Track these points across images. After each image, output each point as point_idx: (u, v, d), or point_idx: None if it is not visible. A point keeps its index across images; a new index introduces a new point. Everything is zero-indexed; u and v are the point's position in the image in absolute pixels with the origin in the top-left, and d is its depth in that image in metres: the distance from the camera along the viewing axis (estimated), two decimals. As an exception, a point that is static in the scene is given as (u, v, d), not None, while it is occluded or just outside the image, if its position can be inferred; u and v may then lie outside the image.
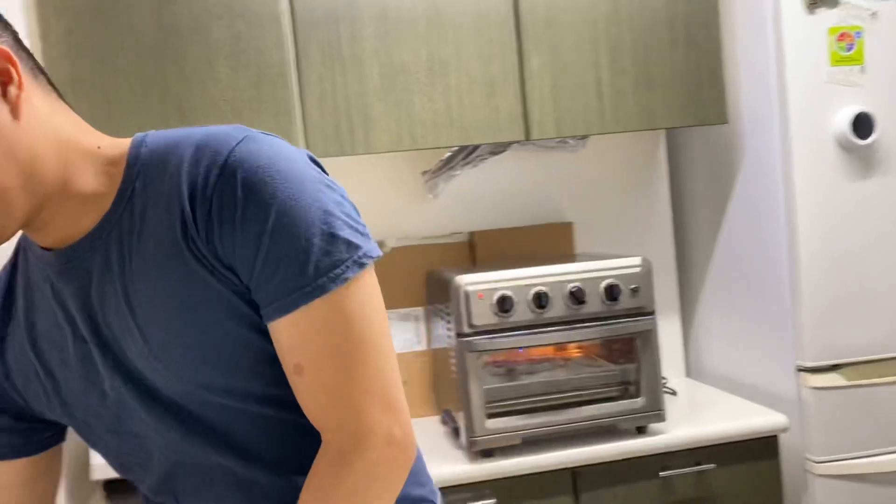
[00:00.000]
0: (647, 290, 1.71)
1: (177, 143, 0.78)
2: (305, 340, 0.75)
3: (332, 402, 0.75)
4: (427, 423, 1.98)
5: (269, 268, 0.74)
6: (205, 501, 0.84)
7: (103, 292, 0.79)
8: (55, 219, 0.78)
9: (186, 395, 0.79)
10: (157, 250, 0.76)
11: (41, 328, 0.84)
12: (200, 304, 0.76)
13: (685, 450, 1.71)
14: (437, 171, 2.01)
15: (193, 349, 0.77)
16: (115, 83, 1.62)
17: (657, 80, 1.85)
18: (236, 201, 0.73)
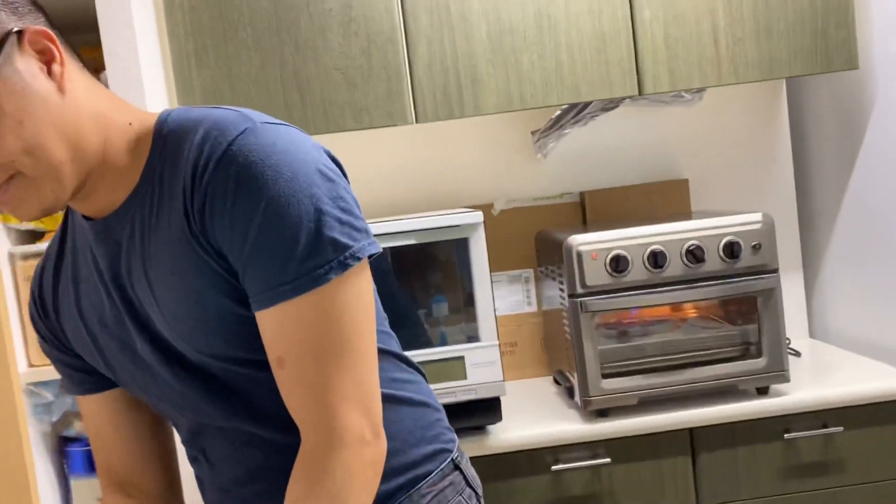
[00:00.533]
0: (769, 247, 1.64)
1: (191, 125, 0.81)
2: (286, 335, 0.77)
3: (310, 399, 0.78)
4: (539, 383, 2.00)
5: (255, 260, 0.76)
6: (227, 460, 0.91)
7: (130, 264, 0.84)
8: (95, 190, 0.83)
9: (204, 363, 0.84)
10: (170, 230, 0.80)
11: (83, 291, 0.91)
12: (203, 284, 0.80)
13: (811, 412, 1.65)
14: (546, 130, 1.99)
15: (202, 323, 0.81)
16: (236, 56, 1.68)
17: (778, 25, 1.75)
18: (227, 193, 0.75)
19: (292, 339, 0.77)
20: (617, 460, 1.63)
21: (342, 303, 0.77)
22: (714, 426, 1.64)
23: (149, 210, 0.82)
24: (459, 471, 0.97)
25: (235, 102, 1.69)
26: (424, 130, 2.04)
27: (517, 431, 1.63)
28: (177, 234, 0.80)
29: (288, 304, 0.76)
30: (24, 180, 0.76)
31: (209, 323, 0.81)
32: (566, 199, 2.07)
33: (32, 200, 0.77)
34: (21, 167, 0.75)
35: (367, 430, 0.79)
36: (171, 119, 0.83)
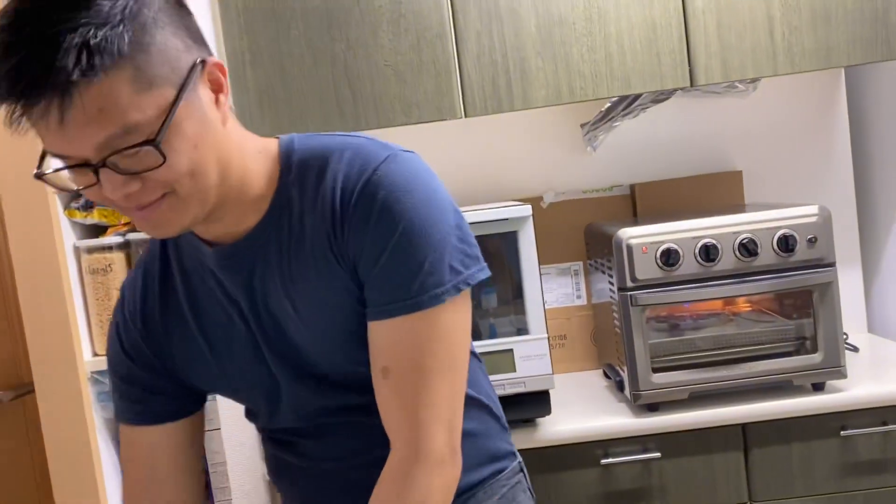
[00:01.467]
0: (825, 240, 1.60)
1: (327, 153, 0.88)
2: (396, 347, 0.85)
3: (405, 413, 0.85)
4: (588, 376, 1.99)
5: (383, 275, 0.84)
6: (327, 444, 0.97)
7: (266, 286, 0.89)
8: (225, 217, 0.86)
9: (336, 367, 0.92)
10: (315, 255, 0.86)
11: (207, 312, 0.93)
12: (347, 300, 0.87)
13: (869, 409, 1.61)
14: (596, 122, 1.98)
15: (344, 331, 0.89)
16: (289, 54, 1.72)
17: (837, 12, 1.71)
18: (371, 213, 0.84)
19: (401, 351, 0.85)
20: (667, 455, 1.62)
21: (451, 322, 0.86)
22: (767, 422, 1.62)
23: (287, 234, 0.88)
24: (523, 473, 1.08)
25: (288, 100, 1.72)
26: (473, 124, 2.05)
27: (566, 425, 1.63)
28: (320, 255, 0.87)
29: (404, 318, 0.84)
30: (176, 200, 0.78)
31: (347, 329, 0.89)
32: (616, 191, 2.06)
33: (177, 220, 0.80)
34: (178, 187, 0.78)
35: (448, 451, 0.86)
36: (297, 147, 0.90)
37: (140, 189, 0.76)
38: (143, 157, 0.75)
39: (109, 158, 0.74)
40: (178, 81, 0.76)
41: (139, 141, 0.73)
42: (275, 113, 1.73)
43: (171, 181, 0.77)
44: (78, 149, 0.74)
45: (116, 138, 0.73)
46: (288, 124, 1.73)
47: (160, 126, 0.74)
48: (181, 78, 0.76)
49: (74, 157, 0.75)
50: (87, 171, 0.75)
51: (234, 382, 0.97)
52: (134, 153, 0.74)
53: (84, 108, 0.71)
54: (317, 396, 0.94)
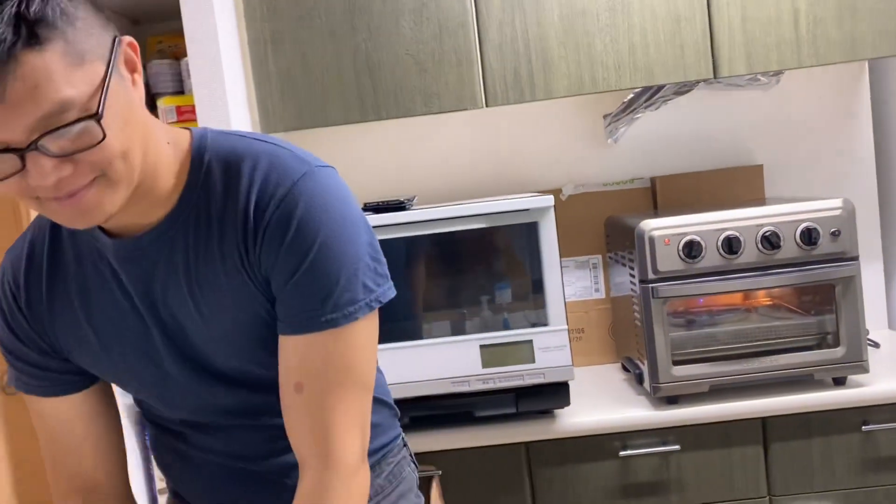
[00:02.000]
0: (849, 233, 1.59)
1: (240, 158, 0.86)
2: (309, 363, 0.85)
3: (320, 427, 0.85)
4: (607, 369, 1.99)
5: (298, 292, 0.84)
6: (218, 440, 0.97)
7: (167, 284, 0.87)
8: (131, 207, 0.81)
9: (234, 368, 0.91)
10: (224, 263, 0.85)
11: (96, 301, 0.90)
12: (252, 307, 0.87)
13: (891, 404, 1.60)
14: (618, 114, 1.97)
15: (247, 336, 0.88)
16: (310, 42, 1.72)
17: (863, 4, 1.69)
18: (288, 230, 0.83)
19: (315, 367, 0.85)
20: (686, 448, 1.61)
21: (363, 339, 0.87)
22: (788, 416, 1.61)
23: (194, 235, 0.86)
24: (406, 447, 1.14)
25: (309, 88, 1.72)
26: (494, 114, 2.04)
27: (585, 416, 1.63)
28: (230, 262, 0.85)
29: (318, 335, 0.85)
30: (106, 183, 0.75)
31: (250, 333, 0.88)
32: (637, 184, 2.05)
33: (107, 205, 0.76)
34: (110, 169, 0.75)
35: (361, 458, 0.88)
36: (210, 145, 0.88)
37: (71, 174, 0.72)
38: (79, 136, 0.71)
39: (41, 140, 0.69)
40: (106, 56, 0.73)
41: (73, 119, 0.70)
42: (295, 101, 1.73)
43: (105, 162, 0.74)
44: (6, 131, 0.68)
45: (51, 117, 0.69)
46: (309, 113, 1.73)
47: (98, 101, 0.71)
48: (108, 52, 0.74)
49: (2, 144, 0.69)
50: (11, 158, 0.70)
51: (123, 375, 0.95)
52: (70, 131, 0.70)
53: (22, 83, 0.67)
54: (211, 394, 0.93)
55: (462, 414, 1.65)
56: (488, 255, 1.65)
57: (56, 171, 0.71)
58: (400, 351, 1.61)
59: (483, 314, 1.65)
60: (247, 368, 0.92)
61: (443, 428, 1.64)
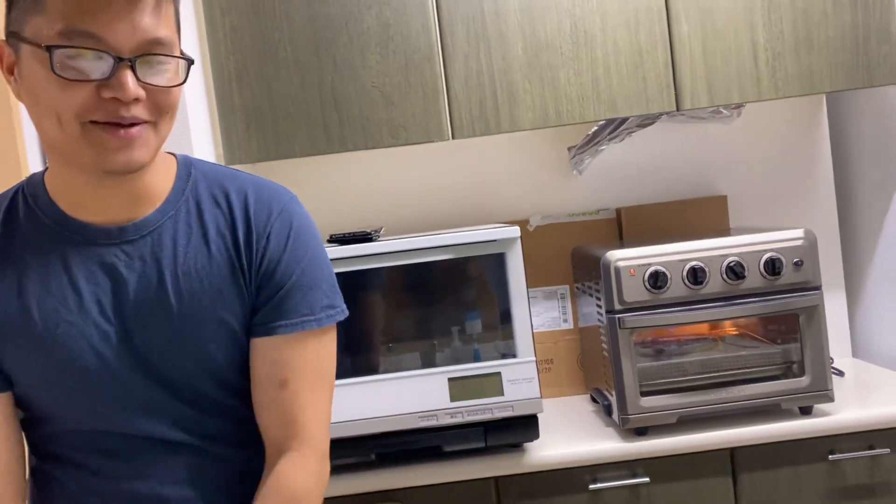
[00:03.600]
0: (811, 263, 1.61)
1: (226, 177, 0.97)
2: (297, 360, 0.94)
3: (301, 416, 0.94)
4: (576, 401, 1.98)
5: (293, 294, 0.94)
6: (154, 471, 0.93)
7: (145, 276, 0.90)
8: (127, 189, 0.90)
9: (186, 377, 0.92)
10: (211, 258, 0.92)
11: (39, 289, 0.89)
12: (226, 303, 0.92)
13: (856, 433, 1.61)
14: (582, 146, 1.98)
15: (212, 332, 0.92)
16: (276, 75, 1.71)
17: (819, 39, 1.74)
18: (290, 235, 0.95)
19: (301, 364, 0.94)
20: (656, 480, 1.60)
21: (333, 342, 0.99)
22: (756, 446, 1.61)
23: (183, 236, 0.92)
24: None
25: (275, 121, 1.71)
26: (461, 146, 2.05)
27: (555, 449, 1.61)
28: (218, 260, 0.92)
29: (307, 333, 0.94)
30: (150, 134, 0.85)
31: (215, 343, 0.93)
32: (602, 215, 2.06)
33: (143, 151, 0.84)
34: (161, 121, 0.85)
35: (328, 447, 0.98)
36: (195, 164, 0.98)
37: (140, 104, 0.82)
38: (165, 73, 0.83)
39: (140, 59, 0.81)
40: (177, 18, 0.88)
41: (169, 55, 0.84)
42: (261, 134, 1.72)
43: (167, 107, 0.85)
44: (122, 38, 0.80)
45: (154, 45, 0.82)
46: (274, 145, 1.71)
47: (180, 51, 0.84)
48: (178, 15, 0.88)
49: (109, 48, 0.79)
50: (107, 62, 0.79)
51: (55, 364, 0.90)
52: (164, 65, 0.83)
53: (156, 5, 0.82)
54: (150, 398, 0.92)
55: (430, 449, 1.62)
56: (456, 286, 1.64)
57: (137, 91, 0.81)
58: (366, 385, 1.59)
59: (451, 346, 1.63)
60: (196, 378, 0.93)
61: (410, 464, 1.61)
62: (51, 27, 0.79)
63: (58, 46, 0.79)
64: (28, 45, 0.81)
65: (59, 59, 0.79)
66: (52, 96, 0.81)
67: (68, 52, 0.79)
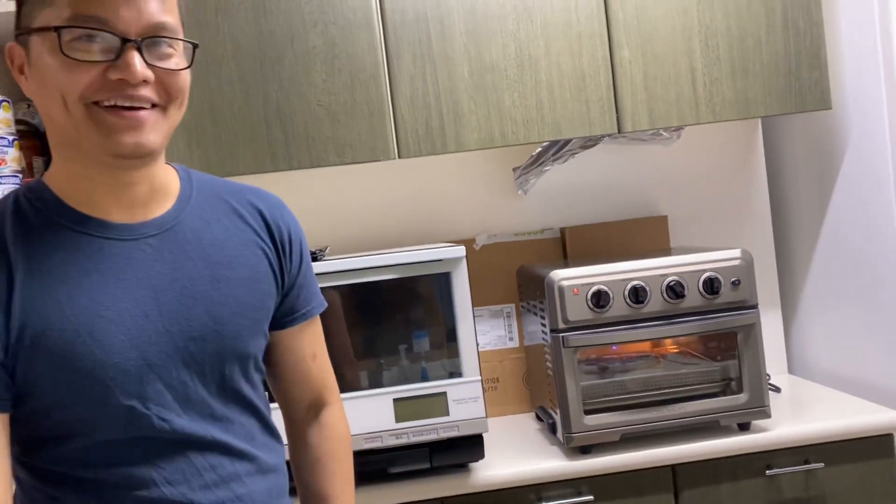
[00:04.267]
0: (748, 282, 1.66)
1: (223, 183, 1.03)
2: (317, 337, 1.12)
3: (328, 378, 1.14)
4: (521, 419, 1.98)
5: (311, 280, 1.10)
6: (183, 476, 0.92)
7: (178, 268, 0.92)
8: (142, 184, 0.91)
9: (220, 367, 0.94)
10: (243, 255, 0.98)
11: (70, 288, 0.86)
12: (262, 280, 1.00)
13: (792, 448, 1.65)
14: (527, 166, 2.01)
15: (250, 329, 0.98)
16: (219, 91, 1.69)
17: (754, 66, 1.80)
18: (300, 237, 1.07)
19: (319, 339, 1.12)
20: (600, 498, 1.62)
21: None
22: (696, 462, 1.64)
23: (208, 228, 0.96)
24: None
25: (218, 139, 1.69)
26: (407, 166, 2.05)
27: (500, 469, 1.61)
28: (258, 254, 0.99)
29: (318, 315, 1.11)
30: (158, 117, 0.86)
31: (255, 320, 0.99)
32: (547, 234, 2.08)
33: (150, 133, 0.85)
34: (170, 105, 0.87)
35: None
36: (191, 169, 1.03)
37: (148, 86, 0.84)
38: (171, 57, 0.86)
39: (145, 41, 0.83)
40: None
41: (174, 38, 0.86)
42: (203, 151, 1.69)
43: (175, 91, 0.86)
44: (128, 21, 0.82)
45: (159, 29, 0.84)
46: (217, 163, 1.69)
47: (184, 38, 0.88)
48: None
49: (115, 29, 0.81)
50: (114, 42, 0.81)
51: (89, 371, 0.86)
52: (169, 49, 0.85)
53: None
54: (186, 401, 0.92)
55: (375, 471, 1.60)
56: (402, 306, 1.63)
57: (143, 73, 0.82)
58: (310, 407, 1.56)
59: (398, 366, 1.62)
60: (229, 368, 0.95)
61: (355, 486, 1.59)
62: (59, 15, 0.82)
63: (66, 27, 0.81)
64: (37, 36, 0.83)
65: (66, 40, 0.81)
66: (58, 79, 0.82)
67: (75, 33, 0.81)
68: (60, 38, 0.81)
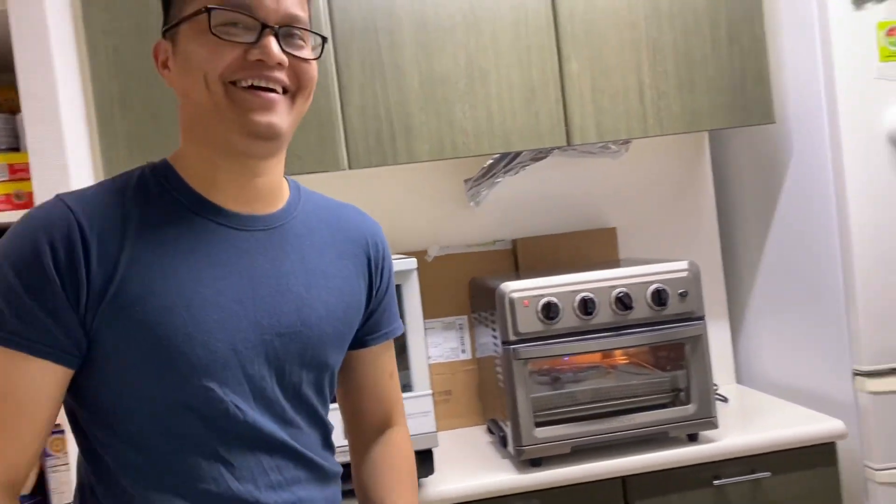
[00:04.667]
0: (695, 294, 1.67)
1: (329, 199, 1.09)
2: (393, 356, 1.16)
3: (399, 398, 1.18)
4: (473, 432, 1.97)
5: (390, 308, 1.14)
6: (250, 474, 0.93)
7: (278, 266, 0.95)
8: (266, 175, 0.95)
9: (295, 370, 0.96)
10: (343, 264, 1.03)
11: (177, 263, 0.89)
12: (351, 292, 1.04)
13: (739, 458, 1.67)
14: (478, 178, 2.01)
15: (333, 342, 1.01)
16: (160, 100, 1.65)
17: (700, 81, 1.83)
18: (392, 267, 1.13)
19: (393, 357, 1.17)
20: (551, 511, 1.61)
21: None
22: (646, 474, 1.64)
23: (310, 236, 1.00)
24: None
25: (161, 147, 1.65)
26: (358, 177, 2.03)
27: (450, 484, 1.59)
28: (349, 268, 1.04)
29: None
30: (286, 105, 0.91)
31: (336, 343, 1.02)
32: (499, 246, 2.08)
33: (280, 116, 0.90)
34: (298, 94, 0.92)
35: None
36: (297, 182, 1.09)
37: (283, 70, 0.90)
38: (303, 48, 0.92)
39: (284, 28, 0.89)
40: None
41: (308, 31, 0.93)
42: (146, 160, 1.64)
43: (305, 79, 0.92)
44: (269, 10, 0.88)
45: (294, 19, 0.91)
46: (160, 173, 1.65)
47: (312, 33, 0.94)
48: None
49: (256, 16, 0.88)
50: (254, 28, 0.88)
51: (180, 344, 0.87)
52: (303, 40, 0.92)
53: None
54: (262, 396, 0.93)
55: (323, 487, 1.57)
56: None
57: (279, 56, 0.88)
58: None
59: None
60: (303, 375, 0.97)
61: None
62: (204, 4, 0.88)
63: (216, 8, 0.88)
64: (186, 23, 0.90)
65: (216, 20, 0.88)
66: (203, 57, 0.88)
67: (221, 17, 0.88)
68: (210, 18, 0.88)
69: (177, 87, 0.93)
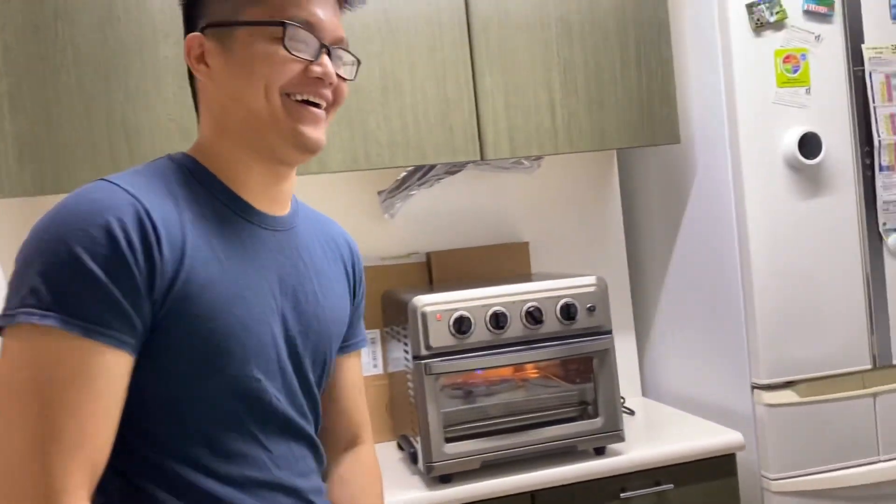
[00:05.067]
0: (603, 309, 1.70)
1: (314, 210, 1.14)
2: (361, 370, 1.18)
3: (366, 414, 1.19)
4: (383, 448, 1.93)
5: (360, 319, 1.17)
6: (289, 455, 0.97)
7: (296, 266, 1.00)
8: (288, 180, 1.00)
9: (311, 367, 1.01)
10: (333, 266, 1.07)
11: (224, 257, 0.91)
12: (344, 298, 1.10)
13: (644, 470, 1.70)
14: (392, 190, 1.99)
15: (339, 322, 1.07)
16: (56, 100, 1.56)
17: (609, 100, 1.87)
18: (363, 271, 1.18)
19: (361, 371, 1.19)
20: (460, 527, 1.60)
21: None
22: (555, 488, 1.65)
23: (311, 240, 1.05)
24: None
25: (54, 150, 1.56)
26: (267, 187, 1.97)
27: (358, 502, 1.55)
28: (340, 273, 1.09)
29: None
30: (325, 117, 0.96)
31: (336, 343, 1.08)
32: (413, 259, 2.06)
33: (323, 135, 0.95)
34: (331, 109, 0.97)
35: None
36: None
37: (331, 87, 0.95)
38: (345, 66, 0.98)
39: (335, 46, 0.95)
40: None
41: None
42: (37, 165, 1.55)
43: (341, 98, 0.97)
44: (327, 30, 0.94)
45: (341, 41, 0.96)
46: (53, 178, 1.55)
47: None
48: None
49: (318, 35, 0.93)
50: (316, 46, 0.93)
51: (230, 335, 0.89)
52: (347, 59, 0.98)
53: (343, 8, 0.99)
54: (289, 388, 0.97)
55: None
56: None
57: (334, 74, 0.94)
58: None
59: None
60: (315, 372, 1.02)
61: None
62: (272, 14, 0.91)
63: (292, 24, 0.91)
64: (246, 28, 0.91)
65: (288, 34, 0.90)
66: (267, 68, 0.90)
67: (297, 32, 0.91)
68: (286, 30, 0.90)
69: (221, 86, 0.93)
